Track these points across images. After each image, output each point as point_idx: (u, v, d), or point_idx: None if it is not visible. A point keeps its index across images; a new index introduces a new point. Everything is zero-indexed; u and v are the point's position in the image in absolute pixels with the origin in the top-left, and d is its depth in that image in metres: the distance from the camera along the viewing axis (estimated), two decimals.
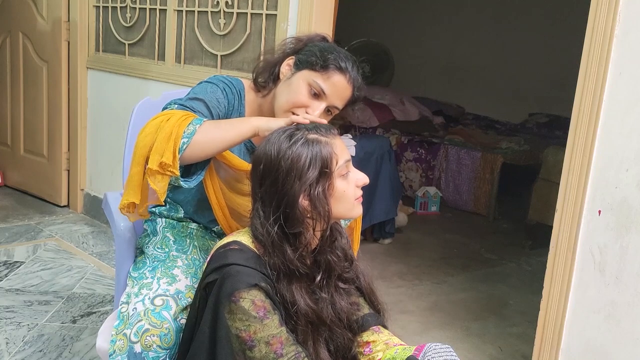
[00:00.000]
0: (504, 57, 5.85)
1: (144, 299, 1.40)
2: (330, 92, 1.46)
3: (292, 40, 1.59)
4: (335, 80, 1.46)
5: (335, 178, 1.24)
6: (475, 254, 3.68)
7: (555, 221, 1.82)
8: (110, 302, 2.64)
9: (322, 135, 1.25)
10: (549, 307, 1.84)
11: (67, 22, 3.66)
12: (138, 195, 1.33)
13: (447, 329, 2.65)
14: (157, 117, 1.35)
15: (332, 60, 1.45)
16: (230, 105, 1.52)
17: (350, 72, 1.47)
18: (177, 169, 1.29)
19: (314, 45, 1.51)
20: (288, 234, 1.23)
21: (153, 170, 1.29)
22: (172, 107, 1.41)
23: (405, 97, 5.45)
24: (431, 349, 1.22)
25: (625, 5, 1.65)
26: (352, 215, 1.30)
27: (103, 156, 3.68)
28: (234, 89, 1.54)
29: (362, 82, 1.52)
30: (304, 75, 1.47)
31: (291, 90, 1.47)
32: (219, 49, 2.91)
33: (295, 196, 1.20)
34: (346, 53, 1.50)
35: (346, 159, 1.26)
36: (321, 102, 1.46)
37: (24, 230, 3.47)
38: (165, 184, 1.31)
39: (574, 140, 1.75)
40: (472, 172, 4.49)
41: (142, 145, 1.31)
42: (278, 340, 1.16)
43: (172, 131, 1.30)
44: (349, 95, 1.50)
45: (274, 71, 1.55)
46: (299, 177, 1.20)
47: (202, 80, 1.55)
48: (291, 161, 1.20)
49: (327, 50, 1.47)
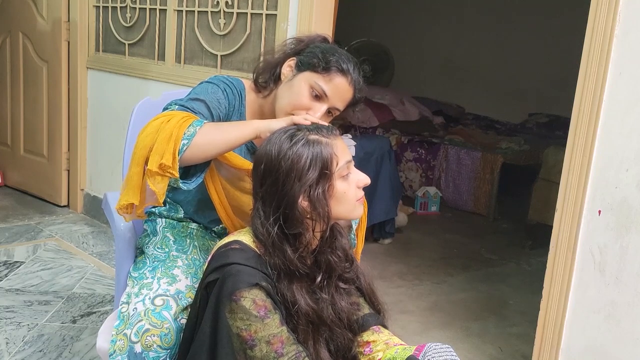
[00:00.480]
0: (504, 57, 5.85)
1: (144, 299, 1.40)
2: (332, 93, 1.45)
3: (293, 41, 1.58)
4: (337, 82, 1.45)
5: (336, 179, 1.23)
6: (475, 254, 3.68)
7: (555, 221, 1.82)
8: (110, 302, 2.64)
9: (323, 136, 1.24)
10: (549, 307, 1.84)
11: (67, 22, 3.66)
12: (137, 196, 1.33)
13: (447, 329, 2.65)
14: (158, 117, 1.35)
15: (334, 62, 1.45)
16: (230, 106, 1.52)
17: (352, 73, 1.47)
18: (176, 170, 1.29)
19: (315, 47, 1.51)
20: (288, 235, 1.23)
21: (152, 172, 1.29)
22: (172, 108, 1.41)
23: (405, 97, 5.45)
24: (431, 349, 1.22)
25: (625, 5, 1.65)
26: (353, 216, 1.30)
27: (103, 156, 3.68)
28: (234, 89, 1.54)
29: (363, 84, 1.52)
30: (306, 76, 1.46)
31: (293, 92, 1.46)
32: (219, 49, 2.91)
33: (295, 197, 1.20)
34: (347, 55, 1.50)
35: (347, 160, 1.25)
36: (323, 104, 1.46)
37: (24, 230, 3.47)
38: (165, 186, 1.30)
39: (574, 140, 1.75)
40: (472, 172, 4.49)
41: (142, 145, 1.31)
42: (279, 339, 1.16)
43: (172, 132, 1.30)
44: (351, 97, 1.50)
45: (274, 72, 1.54)
46: (299, 178, 1.20)
47: (203, 81, 1.54)
48: (291, 162, 1.20)
49: (329, 52, 1.47)
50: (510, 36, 5.78)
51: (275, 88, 1.53)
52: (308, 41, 1.55)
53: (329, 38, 1.59)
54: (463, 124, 5.54)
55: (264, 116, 1.56)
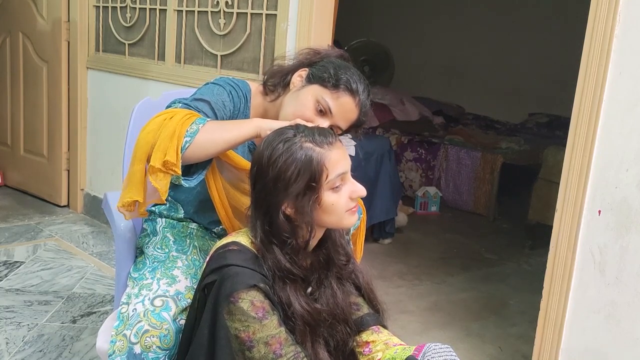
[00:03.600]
0: (504, 57, 5.85)
1: (143, 300, 1.40)
2: (337, 111, 1.44)
3: (309, 51, 1.57)
4: (344, 101, 1.44)
5: (324, 191, 1.21)
6: (475, 254, 3.68)
7: (555, 221, 1.82)
8: (110, 302, 2.64)
9: (318, 145, 1.21)
10: (549, 307, 1.84)
11: (67, 22, 3.66)
12: (142, 193, 1.33)
13: (447, 329, 2.65)
14: (160, 114, 1.35)
15: (344, 81, 1.43)
16: (235, 109, 1.52)
17: (360, 95, 1.45)
18: (179, 167, 1.29)
19: (329, 62, 1.49)
20: (274, 239, 1.23)
21: (155, 168, 1.28)
22: (176, 106, 1.41)
23: (405, 97, 5.45)
24: (431, 349, 1.22)
25: (625, 5, 1.65)
26: (343, 225, 1.28)
27: (103, 156, 3.68)
28: (240, 92, 1.53)
29: (369, 108, 1.50)
30: (314, 90, 1.45)
31: (299, 102, 1.45)
32: (219, 49, 2.91)
33: (279, 205, 1.20)
34: (360, 75, 1.48)
35: (339, 173, 1.22)
36: (326, 119, 1.44)
37: (24, 230, 3.47)
38: (167, 183, 1.30)
39: (574, 140, 1.75)
40: (472, 172, 4.49)
41: (144, 142, 1.31)
42: (277, 340, 1.16)
43: (175, 129, 1.29)
44: (355, 119, 1.48)
45: (285, 79, 1.54)
46: (285, 188, 1.19)
47: (209, 82, 1.54)
48: (279, 170, 1.19)
49: (341, 69, 1.45)
50: (510, 36, 5.78)
51: (283, 95, 1.53)
52: (324, 54, 1.54)
53: (346, 56, 1.57)
54: (463, 124, 5.54)
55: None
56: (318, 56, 1.54)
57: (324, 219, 1.24)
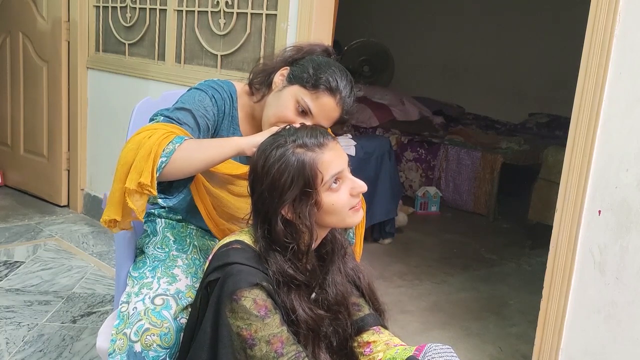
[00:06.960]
0: (504, 57, 5.85)
1: (144, 299, 1.40)
2: (317, 112, 1.42)
3: (292, 49, 1.55)
4: (324, 102, 1.42)
5: (322, 193, 1.21)
6: (475, 254, 3.68)
7: (555, 221, 1.82)
8: (110, 302, 2.64)
9: (309, 149, 1.20)
10: (549, 307, 1.84)
11: (67, 22, 3.66)
12: (119, 212, 1.32)
13: (447, 329, 2.65)
14: (141, 131, 1.33)
15: (324, 81, 1.41)
16: (220, 112, 1.50)
17: (341, 92, 1.42)
18: (154, 188, 1.28)
19: (310, 60, 1.47)
20: (275, 246, 1.23)
21: (130, 190, 1.28)
22: (157, 119, 1.41)
23: (405, 97, 5.45)
24: (431, 349, 1.22)
25: (625, 5, 1.65)
26: (347, 224, 1.28)
27: (103, 156, 3.68)
28: (224, 93, 1.52)
29: (353, 105, 1.47)
30: (294, 90, 1.43)
31: (279, 103, 1.44)
32: (219, 49, 2.91)
33: (277, 211, 1.20)
34: (342, 71, 1.45)
35: (334, 173, 1.21)
36: (307, 120, 1.42)
37: (24, 230, 3.47)
38: (144, 203, 1.29)
39: (574, 140, 1.75)
40: (472, 172, 4.49)
41: (123, 162, 1.30)
42: (279, 339, 1.16)
43: (152, 149, 1.28)
44: (337, 117, 1.46)
45: (269, 78, 1.52)
46: (280, 195, 1.19)
47: (192, 87, 1.53)
48: (272, 178, 1.19)
49: (321, 68, 1.43)
50: (510, 36, 5.78)
51: (267, 94, 1.51)
52: (307, 50, 1.52)
53: (331, 50, 1.55)
54: (463, 124, 5.54)
55: (255, 120, 1.55)
56: (301, 53, 1.52)
57: (326, 220, 1.24)
